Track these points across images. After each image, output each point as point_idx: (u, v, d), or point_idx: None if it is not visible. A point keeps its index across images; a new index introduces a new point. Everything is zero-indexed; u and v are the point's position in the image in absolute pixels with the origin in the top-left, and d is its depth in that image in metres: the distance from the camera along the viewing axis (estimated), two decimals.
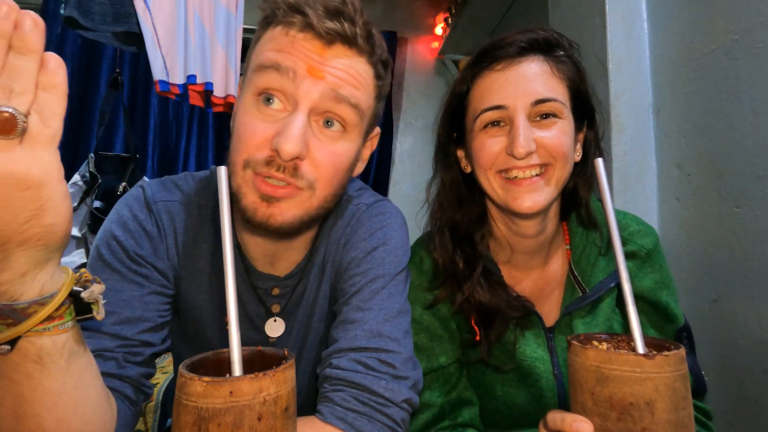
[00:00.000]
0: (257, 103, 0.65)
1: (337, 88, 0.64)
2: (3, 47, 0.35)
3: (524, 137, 0.73)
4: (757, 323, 1.06)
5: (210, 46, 1.88)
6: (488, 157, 0.78)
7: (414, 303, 0.85)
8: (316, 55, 0.64)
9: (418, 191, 3.49)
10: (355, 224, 0.80)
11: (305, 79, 0.63)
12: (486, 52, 0.79)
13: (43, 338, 0.45)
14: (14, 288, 0.42)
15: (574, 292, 0.85)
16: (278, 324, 0.79)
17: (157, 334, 0.71)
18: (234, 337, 0.41)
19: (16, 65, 0.35)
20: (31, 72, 0.36)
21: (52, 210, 0.40)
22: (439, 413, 0.82)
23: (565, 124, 0.77)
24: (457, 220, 0.87)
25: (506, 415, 0.87)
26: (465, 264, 0.83)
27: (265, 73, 0.64)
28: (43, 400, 0.48)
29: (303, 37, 0.64)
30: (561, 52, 0.78)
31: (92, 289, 0.47)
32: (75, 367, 0.49)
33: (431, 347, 0.85)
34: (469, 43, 3.29)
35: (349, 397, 0.63)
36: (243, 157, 0.65)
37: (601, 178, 0.53)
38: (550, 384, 0.83)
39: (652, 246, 0.86)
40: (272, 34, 0.66)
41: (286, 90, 0.63)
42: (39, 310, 0.44)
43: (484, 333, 0.81)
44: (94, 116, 2.72)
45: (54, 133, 0.38)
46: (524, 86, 0.75)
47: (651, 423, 0.45)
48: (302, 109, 0.63)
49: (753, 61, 1.07)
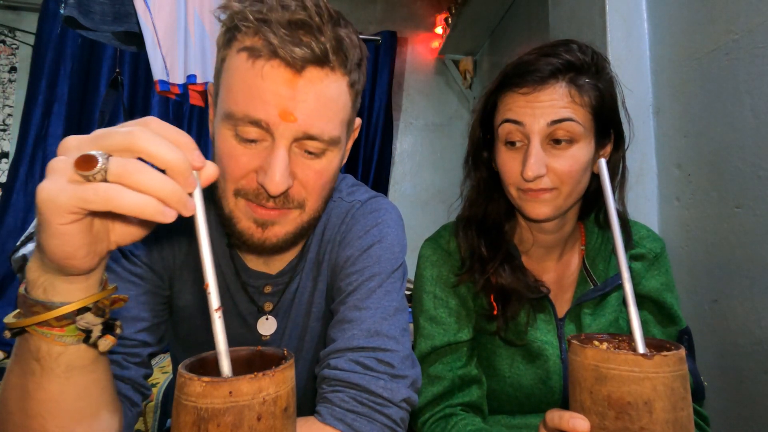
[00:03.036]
0: (237, 140, 0.63)
1: (309, 129, 0.62)
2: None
3: (535, 161, 0.77)
4: (757, 323, 1.06)
5: (210, 46, 1.88)
6: (509, 174, 0.84)
7: (437, 280, 0.91)
8: (287, 88, 0.60)
9: (418, 191, 3.50)
10: (350, 222, 0.80)
11: (279, 125, 0.61)
12: (511, 76, 0.82)
13: (40, 341, 0.46)
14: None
15: (585, 286, 0.89)
16: (270, 322, 0.79)
17: (153, 334, 0.71)
18: (220, 337, 0.41)
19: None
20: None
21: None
22: (449, 387, 0.85)
23: (581, 147, 0.80)
24: (486, 214, 0.92)
25: (512, 397, 0.89)
26: (489, 248, 0.88)
27: (240, 126, 0.61)
28: (45, 402, 0.48)
29: (270, 66, 0.60)
30: (584, 79, 0.80)
31: (101, 342, 0.47)
32: (76, 380, 0.49)
33: (448, 322, 0.89)
34: (469, 43, 3.29)
35: (347, 397, 0.63)
36: (232, 187, 0.64)
37: (603, 179, 0.54)
38: (556, 367, 0.87)
39: (659, 250, 0.92)
40: (238, 62, 0.62)
41: (262, 133, 0.62)
42: (40, 312, 0.44)
43: (502, 309, 0.86)
44: (94, 116, 2.73)
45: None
46: (543, 110, 0.78)
47: (649, 422, 0.45)
48: (281, 145, 0.61)
49: (753, 61, 1.06)
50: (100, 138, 0.38)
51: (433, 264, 0.93)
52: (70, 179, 0.37)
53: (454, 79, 3.51)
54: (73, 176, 0.37)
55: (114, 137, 0.38)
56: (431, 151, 3.52)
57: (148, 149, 0.38)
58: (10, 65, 3.03)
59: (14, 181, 2.66)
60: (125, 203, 0.37)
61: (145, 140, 0.38)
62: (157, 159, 0.38)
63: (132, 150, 0.38)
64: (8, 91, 3.00)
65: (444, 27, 3.28)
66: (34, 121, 2.70)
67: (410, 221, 3.34)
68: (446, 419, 0.83)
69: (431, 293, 0.91)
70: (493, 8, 2.83)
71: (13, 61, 3.03)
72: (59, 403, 0.49)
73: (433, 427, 0.83)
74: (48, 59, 2.73)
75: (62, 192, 0.37)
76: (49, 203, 0.37)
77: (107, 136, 0.38)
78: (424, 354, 0.88)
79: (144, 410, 1.74)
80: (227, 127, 0.63)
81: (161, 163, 0.38)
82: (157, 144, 0.38)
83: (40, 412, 0.48)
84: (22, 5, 2.98)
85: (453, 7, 3.09)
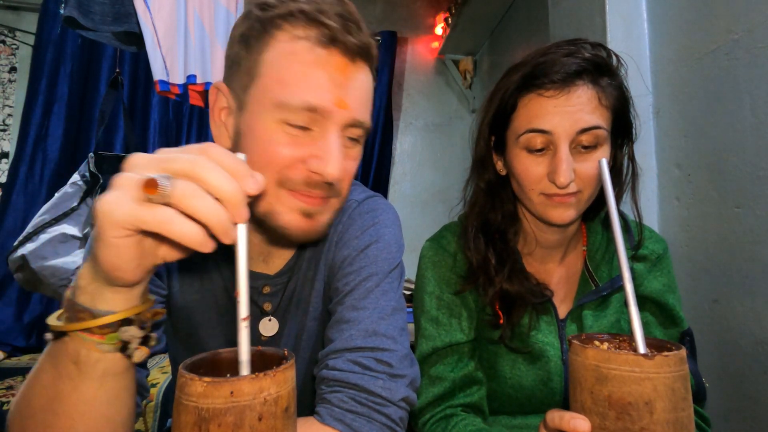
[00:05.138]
0: (284, 126, 0.63)
1: (357, 115, 0.65)
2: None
3: (566, 167, 0.76)
4: (757, 323, 1.06)
5: (210, 46, 1.88)
6: (532, 180, 0.81)
7: (438, 281, 0.91)
8: (342, 76, 0.63)
9: (418, 191, 3.50)
10: (347, 222, 0.79)
11: (333, 112, 0.63)
12: (532, 77, 0.79)
13: (80, 346, 0.47)
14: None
15: (587, 287, 0.89)
16: (273, 323, 0.79)
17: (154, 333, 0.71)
18: (244, 339, 0.41)
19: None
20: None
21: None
22: (450, 388, 0.85)
23: (604, 150, 0.79)
24: (490, 218, 0.91)
25: (513, 398, 0.89)
26: (497, 260, 0.87)
27: (297, 113, 0.62)
28: (77, 404, 0.49)
29: (328, 53, 0.62)
30: (607, 79, 0.79)
31: (136, 353, 0.49)
32: (110, 386, 0.50)
33: (449, 323, 0.88)
34: (469, 43, 3.29)
35: (346, 398, 0.63)
36: (275, 177, 0.63)
37: (604, 179, 0.54)
38: (558, 369, 0.86)
39: (662, 251, 0.91)
40: (289, 50, 0.62)
41: (314, 120, 0.63)
42: (86, 319, 0.45)
43: (507, 318, 0.86)
44: (94, 116, 2.73)
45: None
46: (571, 115, 0.76)
47: (650, 423, 0.45)
48: (334, 132, 0.63)
49: (753, 61, 1.07)
50: (165, 161, 0.41)
51: (434, 264, 0.92)
52: (133, 197, 0.39)
53: (454, 79, 3.51)
54: (136, 195, 0.39)
55: (179, 163, 0.40)
56: (431, 151, 3.52)
57: (207, 179, 0.40)
58: (10, 65, 3.03)
59: (14, 181, 2.66)
60: (175, 230, 0.39)
61: (206, 170, 0.40)
62: (215, 189, 0.40)
63: (193, 178, 0.40)
64: (8, 91, 3.00)
65: (444, 27, 3.28)
66: (34, 121, 2.70)
67: (410, 221, 3.36)
68: (447, 420, 0.83)
69: (432, 294, 0.90)
70: (493, 8, 2.83)
71: (13, 61, 3.04)
72: (91, 407, 0.50)
73: (433, 427, 0.83)
74: (48, 59, 2.73)
75: (122, 208, 0.39)
76: (107, 215, 0.40)
77: (173, 161, 0.41)
78: (425, 355, 0.87)
79: (144, 410, 1.74)
80: (275, 118, 0.63)
81: (218, 194, 0.40)
82: (216, 174, 0.40)
83: (71, 414, 0.49)
84: (22, 5, 2.98)
85: (453, 7, 3.09)
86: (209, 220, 0.39)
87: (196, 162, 0.40)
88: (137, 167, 0.41)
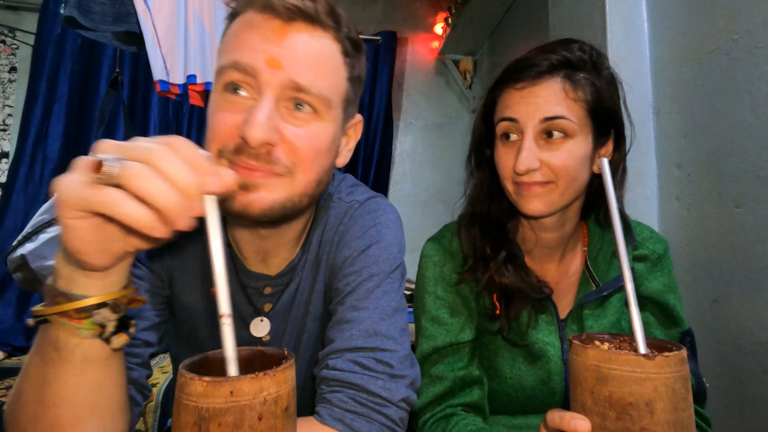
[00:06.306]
0: (224, 94, 0.63)
1: (296, 77, 0.61)
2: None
3: (526, 155, 0.78)
4: (757, 323, 1.06)
5: (210, 46, 1.89)
6: (505, 168, 0.84)
7: (439, 280, 0.91)
8: (276, 35, 0.61)
9: (418, 191, 3.50)
10: (348, 222, 0.79)
11: (264, 72, 0.61)
12: (509, 72, 0.83)
13: (59, 331, 0.47)
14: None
15: (588, 287, 0.89)
16: (264, 324, 0.79)
17: (155, 333, 0.72)
18: (227, 336, 0.41)
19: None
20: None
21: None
22: (450, 387, 0.85)
23: (576, 143, 0.80)
24: (489, 212, 0.92)
25: (513, 398, 0.89)
26: (492, 247, 0.88)
27: (228, 73, 0.62)
28: (61, 392, 0.49)
29: (262, 18, 0.62)
30: (580, 74, 0.81)
31: (115, 339, 0.49)
32: (91, 374, 0.50)
33: (450, 322, 0.89)
34: (469, 43, 3.29)
35: (346, 398, 0.63)
36: (216, 147, 0.62)
37: (605, 178, 0.54)
38: (558, 368, 0.86)
39: (662, 251, 0.91)
40: (235, 28, 0.65)
41: (249, 82, 0.62)
42: (62, 303, 0.46)
43: (504, 309, 0.87)
44: (94, 116, 2.73)
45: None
46: (536, 105, 0.79)
47: (650, 423, 0.45)
48: (267, 95, 0.61)
49: (753, 61, 1.07)
50: (127, 147, 0.40)
51: (435, 264, 0.93)
52: (84, 179, 0.39)
53: (454, 79, 3.51)
54: (87, 176, 0.39)
55: (136, 148, 0.40)
56: (431, 151, 3.52)
57: (160, 165, 0.39)
58: (10, 65, 3.03)
59: (14, 181, 2.66)
60: (122, 211, 0.38)
61: (161, 157, 0.39)
62: (168, 177, 0.39)
63: (147, 163, 0.39)
64: (8, 91, 3.00)
65: (444, 27, 3.29)
66: (34, 121, 2.70)
67: (410, 221, 3.36)
68: (447, 419, 0.83)
69: (433, 293, 0.91)
70: (493, 8, 2.83)
71: (13, 61, 3.04)
72: (75, 394, 0.50)
73: (433, 427, 0.83)
74: (48, 59, 2.73)
75: (72, 188, 0.39)
76: (60, 196, 0.40)
77: (131, 146, 0.40)
78: (425, 354, 0.88)
79: (144, 410, 1.74)
80: (216, 88, 0.64)
81: (171, 182, 0.39)
82: (171, 162, 0.39)
83: (56, 401, 0.50)
84: (22, 5, 2.98)
85: (453, 7, 3.09)
86: (157, 202, 0.38)
87: (154, 149, 0.39)
88: (99, 151, 0.41)
